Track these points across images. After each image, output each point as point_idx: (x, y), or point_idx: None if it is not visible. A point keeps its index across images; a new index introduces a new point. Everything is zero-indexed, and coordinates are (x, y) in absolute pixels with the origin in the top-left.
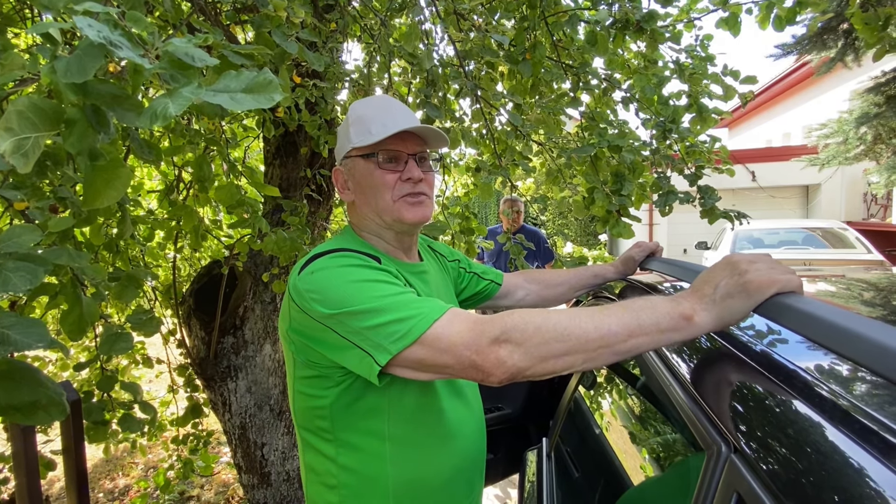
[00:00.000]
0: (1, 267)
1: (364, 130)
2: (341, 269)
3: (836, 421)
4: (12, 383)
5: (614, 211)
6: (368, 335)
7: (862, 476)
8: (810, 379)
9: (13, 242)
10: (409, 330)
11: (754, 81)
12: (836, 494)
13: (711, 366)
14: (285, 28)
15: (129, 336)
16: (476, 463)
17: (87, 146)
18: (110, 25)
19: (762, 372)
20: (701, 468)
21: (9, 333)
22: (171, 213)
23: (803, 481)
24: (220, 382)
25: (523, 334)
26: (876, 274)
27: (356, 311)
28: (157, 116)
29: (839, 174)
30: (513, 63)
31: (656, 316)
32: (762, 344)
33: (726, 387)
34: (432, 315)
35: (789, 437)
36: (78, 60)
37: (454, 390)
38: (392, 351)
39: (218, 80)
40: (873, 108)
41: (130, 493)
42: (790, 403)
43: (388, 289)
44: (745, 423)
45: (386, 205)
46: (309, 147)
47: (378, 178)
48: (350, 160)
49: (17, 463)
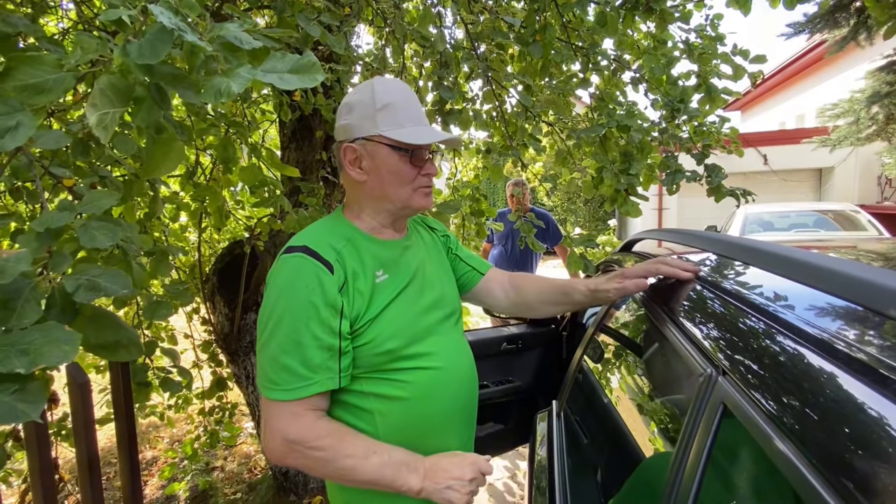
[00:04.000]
0: (87, 226)
1: (394, 122)
2: (288, 289)
3: (801, 344)
4: (98, 325)
5: (622, 190)
6: (260, 353)
7: (819, 383)
8: (781, 313)
9: (94, 205)
10: (270, 385)
11: (763, 61)
12: (797, 400)
13: (702, 308)
14: (307, 12)
15: (168, 303)
16: (467, 405)
17: (154, 120)
18: (172, 12)
19: (743, 309)
20: (696, 390)
21: (98, 281)
22: (195, 195)
23: (774, 389)
24: (243, 357)
25: (307, 458)
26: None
27: (268, 333)
28: (221, 94)
29: (853, 157)
30: (523, 45)
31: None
32: (741, 287)
33: (715, 324)
34: (292, 395)
35: (763, 360)
36: (150, 44)
37: (439, 335)
38: (259, 380)
39: (266, 62)
40: (885, 86)
41: (158, 464)
42: (765, 333)
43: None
44: (730, 352)
45: (405, 194)
46: (324, 131)
47: (405, 170)
48: (371, 143)
49: (76, 425)
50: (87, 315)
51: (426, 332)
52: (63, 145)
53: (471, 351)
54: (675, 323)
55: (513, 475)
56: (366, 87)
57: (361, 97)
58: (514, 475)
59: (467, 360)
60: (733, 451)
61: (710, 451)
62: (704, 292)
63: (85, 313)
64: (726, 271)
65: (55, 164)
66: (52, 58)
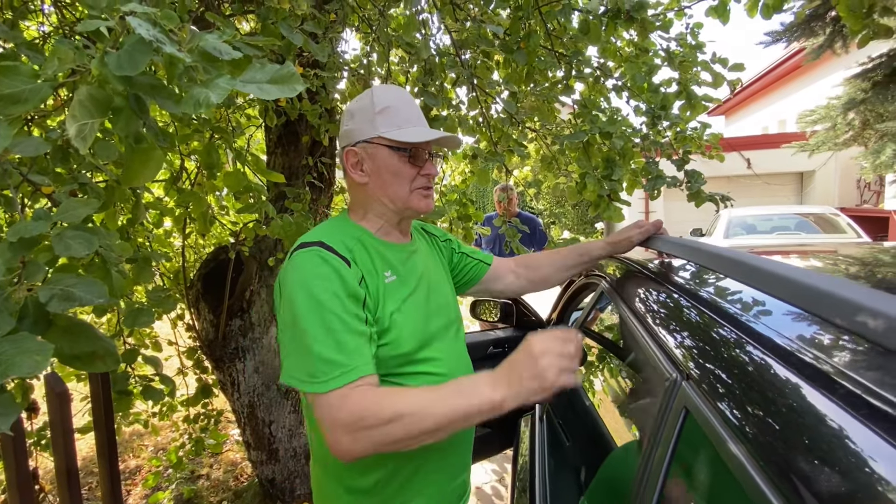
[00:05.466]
0: (62, 235)
1: (392, 123)
2: (304, 284)
3: (764, 352)
4: (73, 336)
5: (605, 195)
6: (286, 351)
7: (774, 390)
8: (747, 321)
9: (70, 214)
10: (317, 378)
11: (742, 69)
12: (758, 407)
13: (673, 314)
14: (290, 20)
15: (150, 311)
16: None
17: (133, 130)
18: (150, 23)
19: (711, 315)
20: (662, 394)
21: (73, 291)
22: (179, 200)
23: (731, 395)
24: (228, 363)
25: (370, 424)
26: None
27: (294, 328)
28: (199, 104)
29: (833, 161)
30: (508, 52)
31: (478, 403)
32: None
33: (683, 330)
34: (339, 381)
35: (723, 367)
36: (128, 55)
37: (443, 342)
38: (286, 378)
39: (246, 72)
40: (860, 93)
41: (142, 473)
42: (729, 340)
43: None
44: (693, 358)
45: (404, 194)
46: (310, 136)
47: (404, 170)
48: (372, 146)
49: (54, 435)
50: (61, 326)
51: (432, 337)
52: (42, 152)
53: (470, 361)
54: (645, 327)
55: (500, 478)
56: (366, 94)
57: (362, 104)
58: (501, 478)
59: (467, 369)
60: (695, 455)
61: (674, 454)
62: (680, 300)
63: (59, 324)
64: (700, 279)
65: (34, 172)
66: (28, 68)
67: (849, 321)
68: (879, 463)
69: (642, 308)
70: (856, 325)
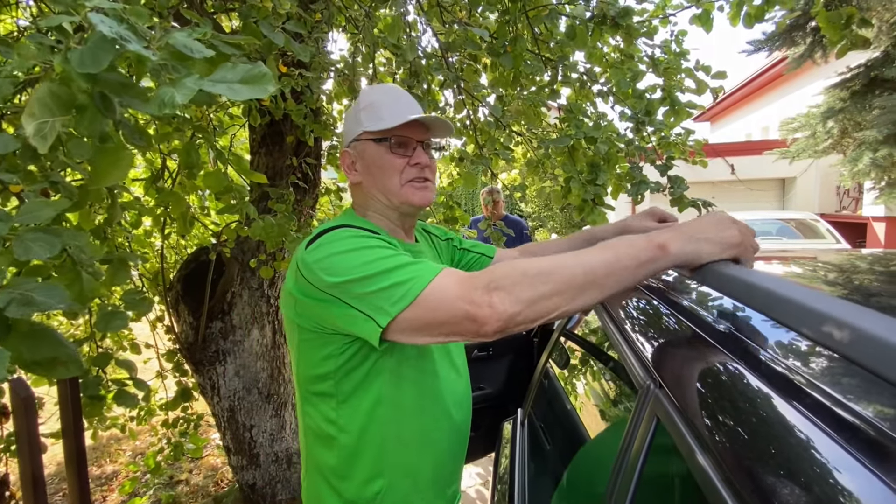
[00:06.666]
0: (22, 237)
1: (375, 116)
2: (346, 241)
3: (737, 362)
4: (34, 342)
5: (590, 200)
6: (370, 299)
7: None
8: (720, 327)
9: (32, 215)
10: (407, 291)
11: (724, 76)
12: (728, 417)
13: (648, 324)
14: (272, 19)
15: (123, 314)
16: (463, 428)
17: (98, 130)
18: (117, 20)
19: (688, 324)
20: (636, 400)
21: (32, 296)
22: (158, 200)
23: (707, 404)
24: (208, 366)
25: (511, 280)
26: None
27: (359, 278)
28: (164, 104)
29: (813, 168)
30: (494, 55)
31: (635, 250)
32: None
33: (658, 338)
34: (428, 276)
35: (698, 376)
36: (91, 52)
37: (448, 360)
38: (392, 313)
39: (216, 72)
40: (839, 102)
41: (119, 478)
42: (704, 350)
43: (389, 256)
44: (667, 366)
45: (394, 187)
46: (295, 136)
47: (388, 161)
48: (360, 143)
49: (20, 441)
50: (21, 331)
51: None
52: (12, 149)
53: (467, 365)
54: (622, 333)
55: (485, 482)
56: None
57: (352, 106)
58: (486, 482)
59: (464, 374)
60: (665, 465)
61: (644, 463)
62: (659, 307)
63: (20, 329)
64: (681, 286)
65: (2, 170)
66: None
67: (816, 332)
68: (844, 475)
69: (621, 314)
70: (822, 336)
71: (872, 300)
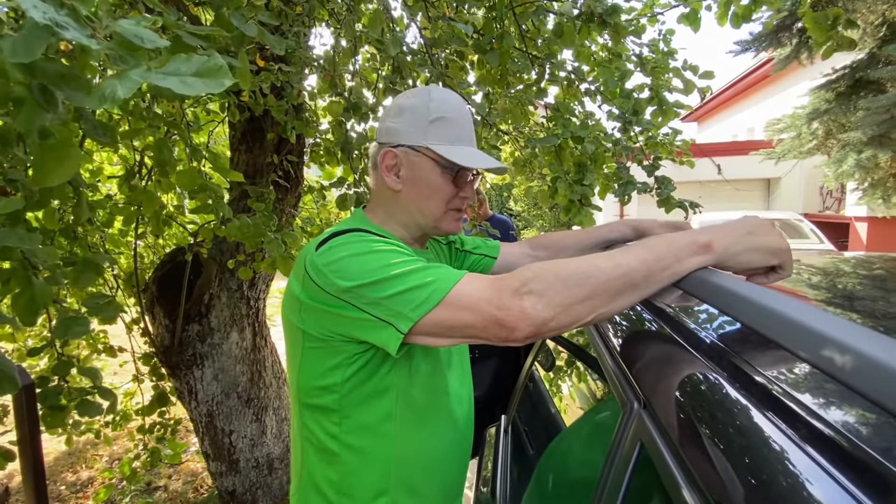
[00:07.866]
0: None
1: (444, 136)
2: (359, 244)
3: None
4: None
5: (576, 200)
6: (388, 304)
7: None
8: (710, 345)
9: None
10: (429, 295)
11: (711, 76)
12: (720, 441)
13: (635, 337)
14: (245, 10)
15: (85, 320)
16: (468, 438)
17: (37, 125)
18: (56, 5)
19: (678, 341)
20: (619, 417)
21: None
22: (129, 198)
23: (694, 427)
24: (185, 370)
25: (544, 283)
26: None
27: (375, 282)
28: (105, 98)
29: (798, 168)
30: (481, 52)
31: (675, 248)
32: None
33: (643, 355)
34: (451, 278)
35: (686, 395)
36: (24, 41)
37: (459, 372)
38: (413, 318)
39: (168, 63)
40: (824, 104)
41: (94, 485)
42: (690, 368)
43: (406, 260)
44: (652, 385)
45: (437, 212)
46: (276, 133)
47: (443, 187)
48: (416, 154)
49: None
50: None
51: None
52: None
53: (471, 376)
54: (608, 347)
55: (470, 485)
56: (422, 93)
57: (415, 103)
58: (471, 486)
59: (468, 384)
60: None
61: (630, 483)
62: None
63: None
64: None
65: None
66: None
67: (814, 354)
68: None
69: (609, 328)
70: (821, 360)
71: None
